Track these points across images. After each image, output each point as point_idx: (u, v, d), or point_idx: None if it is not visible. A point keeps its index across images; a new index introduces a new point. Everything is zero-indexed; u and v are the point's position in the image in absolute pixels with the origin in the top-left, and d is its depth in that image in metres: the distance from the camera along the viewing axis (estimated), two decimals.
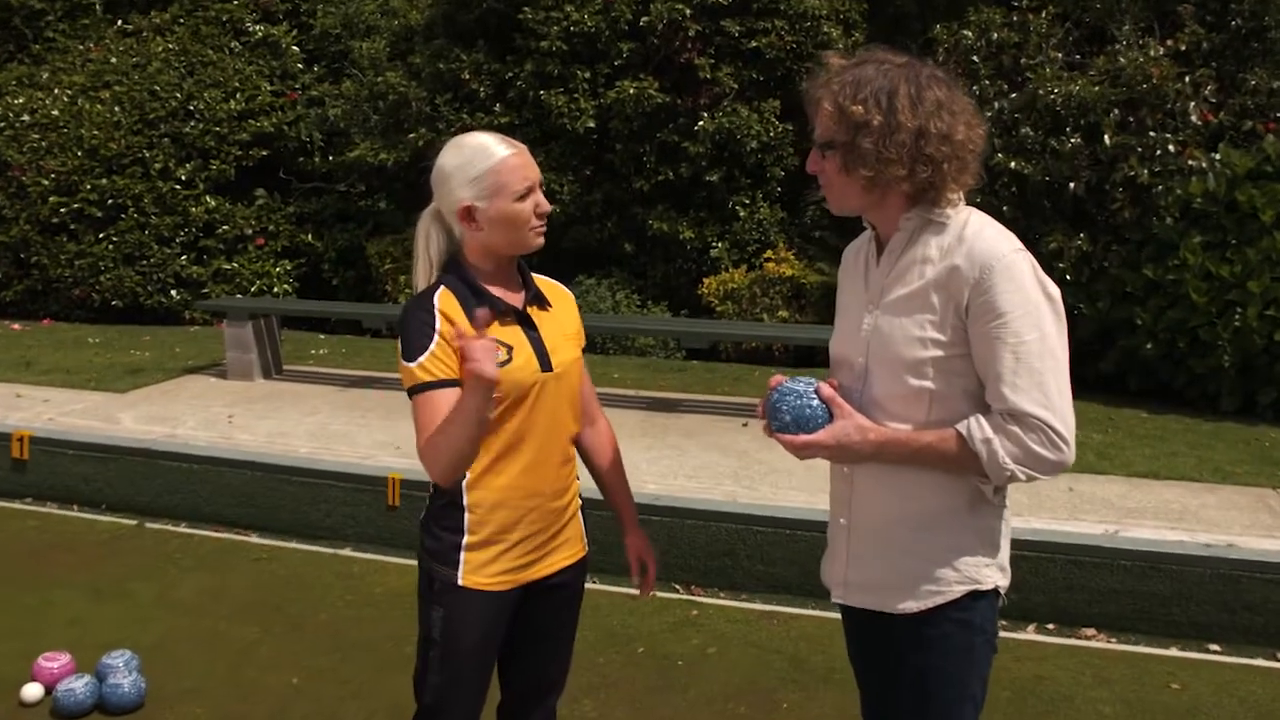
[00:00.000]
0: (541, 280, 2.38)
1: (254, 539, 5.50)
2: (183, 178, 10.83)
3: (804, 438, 1.94)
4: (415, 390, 2.11)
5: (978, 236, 1.89)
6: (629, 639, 4.27)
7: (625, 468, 2.56)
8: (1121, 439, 6.23)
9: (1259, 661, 4.14)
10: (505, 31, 9.82)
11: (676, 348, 9.29)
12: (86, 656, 3.90)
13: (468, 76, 9.79)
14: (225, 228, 10.95)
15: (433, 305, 2.15)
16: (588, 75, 9.52)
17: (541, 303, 2.31)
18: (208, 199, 10.90)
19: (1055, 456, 1.84)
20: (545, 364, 2.22)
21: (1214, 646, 4.26)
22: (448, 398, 2.08)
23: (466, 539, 2.22)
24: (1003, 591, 2.05)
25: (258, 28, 11.49)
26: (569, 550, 2.37)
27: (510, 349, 2.16)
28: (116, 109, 10.81)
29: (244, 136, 11.05)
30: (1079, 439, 6.19)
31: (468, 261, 2.23)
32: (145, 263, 10.72)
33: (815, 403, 1.95)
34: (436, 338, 2.11)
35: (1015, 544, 4.36)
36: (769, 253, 9.33)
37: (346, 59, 11.44)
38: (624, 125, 9.48)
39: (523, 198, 2.16)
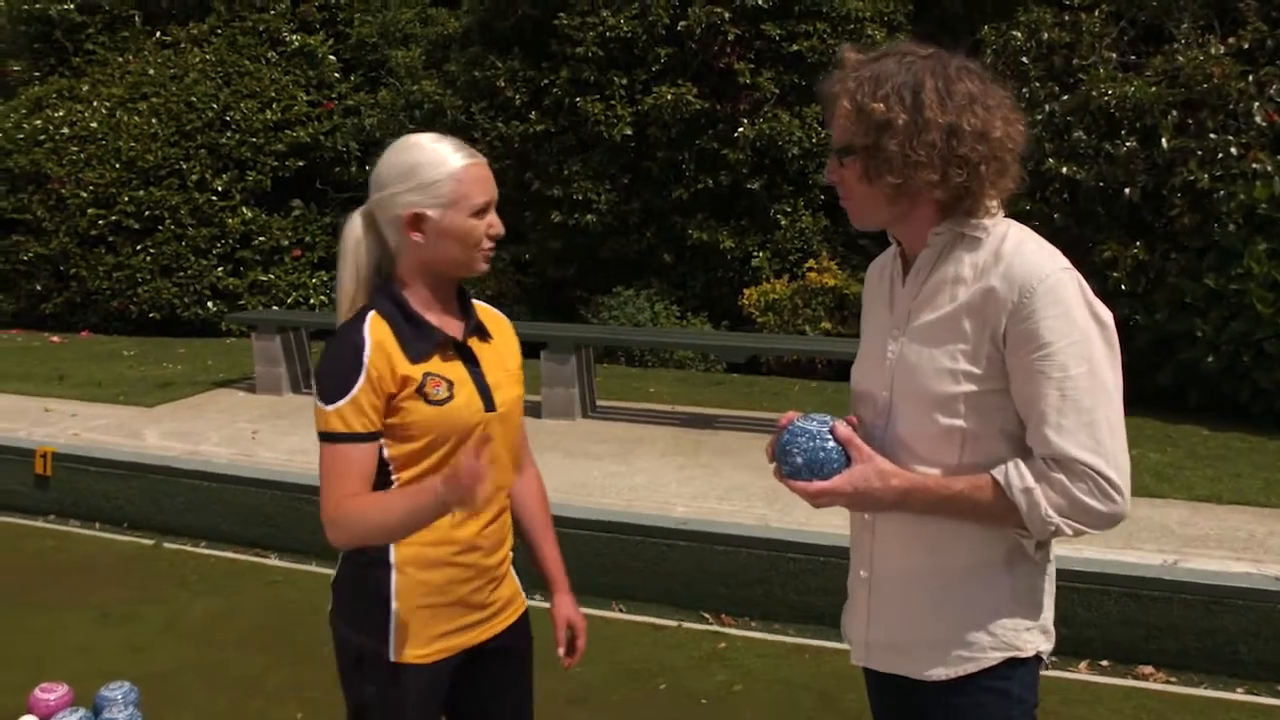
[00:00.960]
0: (483, 309, 2.10)
1: (272, 560, 5.34)
2: (219, 189, 10.81)
3: (818, 484, 1.68)
4: (327, 439, 1.82)
5: (1017, 253, 1.64)
6: (650, 674, 4.03)
7: (656, 487, 2.29)
8: (1181, 459, 5.88)
9: None
10: (541, 38, 9.67)
11: (716, 360, 9.05)
12: (88, 687, 3.74)
13: (503, 84, 9.64)
14: (261, 239, 10.91)
15: (363, 337, 1.84)
16: (624, 81, 9.32)
17: (483, 334, 2.02)
18: (244, 210, 10.87)
19: (1107, 508, 1.59)
20: (488, 403, 1.95)
21: None
22: (365, 455, 1.83)
23: (395, 605, 1.92)
24: (1045, 657, 1.79)
25: (294, 37, 11.45)
26: (510, 609, 2.10)
27: (451, 385, 1.89)
28: (154, 120, 10.81)
29: (280, 147, 11.01)
30: (1134, 459, 5.83)
31: (402, 282, 1.93)
32: (182, 274, 10.70)
33: (830, 444, 1.70)
34: (363, 379, 1.82)
35: (1066, 575, 4.12)
36: (811, 262, 9.06)
37: (383, 68, 11.36)
38: (662, 132, 9.27)
39: (480, 213, 1.88)
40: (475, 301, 2.07)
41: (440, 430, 1.87)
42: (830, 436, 1.71)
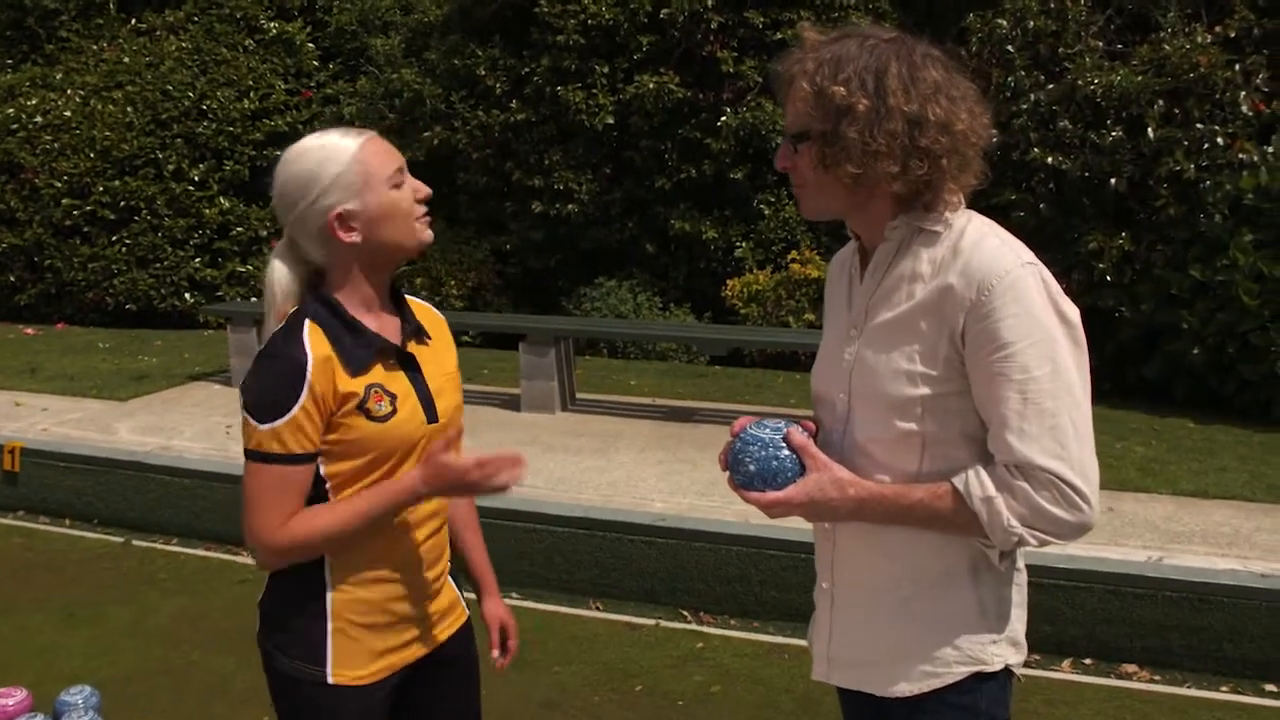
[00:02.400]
0: (416, 305, 1.96)
1: (243, 558, 5.23)
2: (196, 179, 10.65)
3: (772, 495, 1.61)
4: (261, 458, 1.70)
5: (976, 248, 1.56)
6: (627, 675, 3.95)
7: (635, 482, 2.21)
8: (1166, 452, 5.83)
9: None
10: (522, 26, 9.53)
11: (698, 352, 8.96)
12: (49, 690, 3.64)
13: (483, 72, 9.51)
14: (240, 229, 10.76)
15: (304, 351, 1.70)
16: (606, 70, 9.20)
17: (420, 336, 1.89)
18: (222, 200, 10.71)
19: (1073, 517, 1.51)
20: (431, 415, 1.83)
21: (1270, 687, 3.88)
22: (304, 476, 1.72)
23: (333, 624, 1.80)
24: (1016, 670, 1.71)
25: (272, 25, 11.27)
26: (450, 619, 2.00)
27: (394, 399, 1.77)
28: (129, 109, 10.64)
29: (258, 136, 10.85)
30: (1119, 453, 5.84)
31: (338, 286, 1.79)
32: (159, 265, 10.56)
33: (785, 452, 1.63)
34: (304, 397, 1.69)
35: (1049, 571, 4.07)
36: (794, 253, 8.97)
37: (363, 56, 11.21)
38: (644, 121, 9.16)
39: (396, 184, 1.76)
40: (408, 297, 1.95)
41: (383, 447, 1.77)
42: (784, 444, 1.64)
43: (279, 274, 1.80)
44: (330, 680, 1.80)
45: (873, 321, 1.65)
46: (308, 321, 1.75)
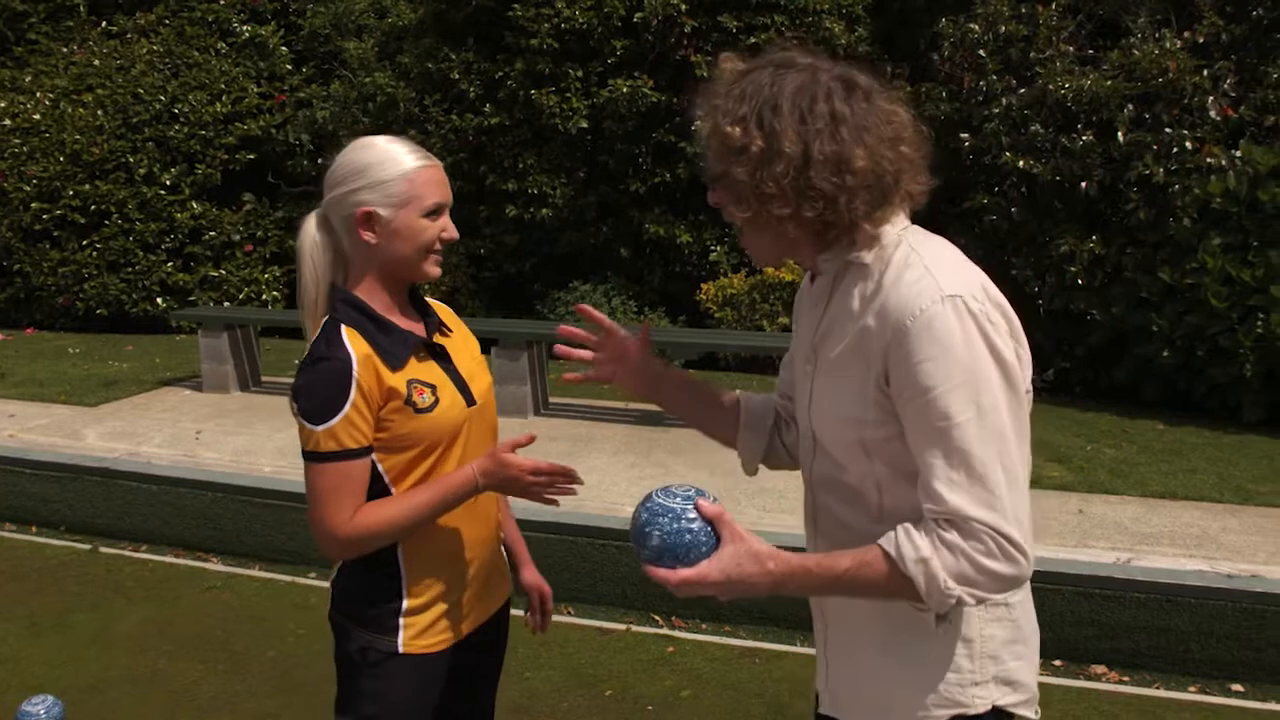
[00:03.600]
0: (432, 303, 2.08)
1: (213, 565, 5.19)
2: (168, 183, 10.57)
3: (682, 573, 1.45)
4: (320, 458, 1.79)
5: (895, 284, 1.45)
6: (597, 680, 3.93)
7: (607, 486, 2.27)
8: (1136, 454, 5.86)
9: None
10: (495, 30, 9.51)
11: (673, 356, 8.95)
12: (10, 701, 3.60)
13: (457, 76, 9.49)
14: (212, 234, 10.68)
15: (348, 352, 1.80)
16: (580, 74, 9.19)
17: (443, 329, 2.02)
18: (194, 204, 10.64)
19: (1009, 570, 1.39)
20: (469, 398, 1.95)
21: (1236, 687, 3.90)
22: (362, 470, 1.82)
23: (407, 603, 1.93)
24: (1018, 709, 1.62)
25: (245, 28, 11.21)
26: (499, 593, 2.14)
27: (434, 389, 1.88)
28: (99, 113, 10.55)
29: (230, 140, 10.79)
30: (1090, 454, 5.87)
31: (359, 284, 1.89)
32: (130, 270, 10.47)
33: (696, 525, 1.47)
34: (354, 395, 1.78)
35: None
36: None
37: (336, 59, 11.15)
38: (618, 125, 9.15)
39: (432, 215, 1.85)
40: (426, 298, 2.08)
41: (432, 437, 1.87)
42: (695, 513, 1.47)
43: (310, 238, 1.89)
44: (401, 650, 1.93)
45: (823, 356, 1.58)
46: (344, 326, 1.84)
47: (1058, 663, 4.07)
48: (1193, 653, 3.98)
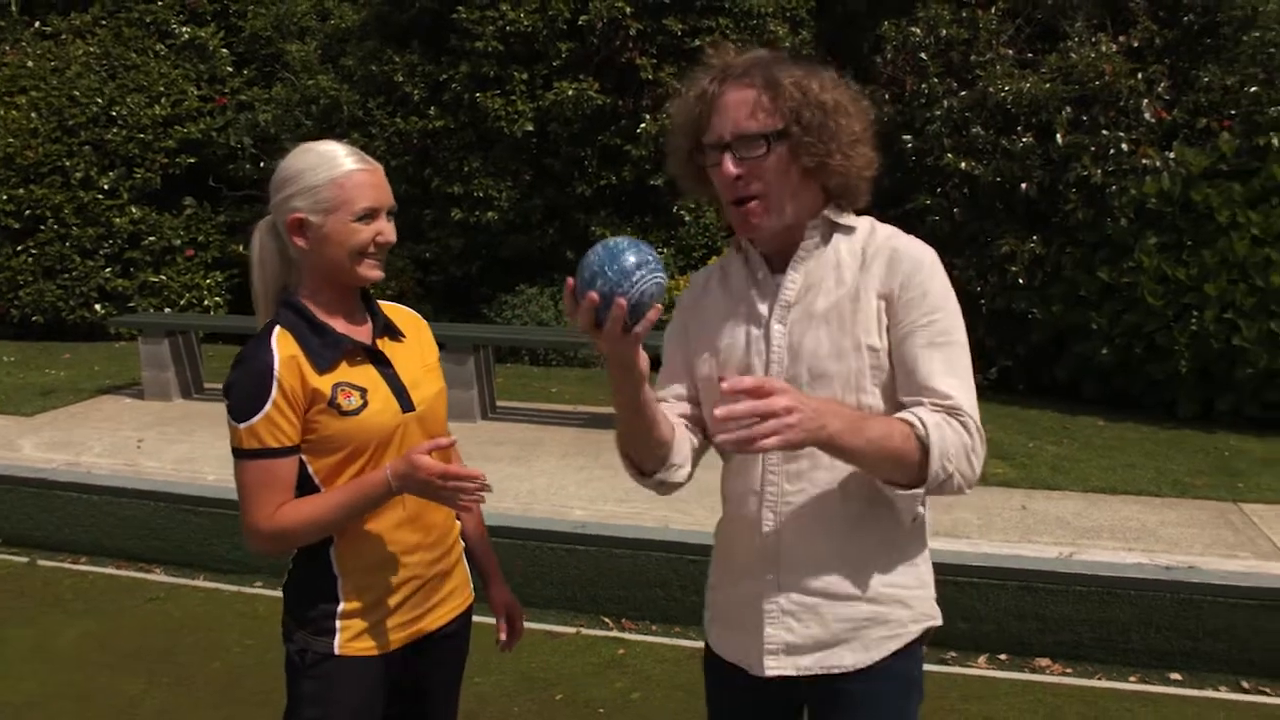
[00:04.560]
0: (391, 308, 2.10)
1: (156, 576, 5.10)
2: (105, 187, 10.36)
3: (754, 381, 1.41)
4: (243, 455, 1.84)
5: (894, 236, 1.75)
6: (548, 683, 3.92)
7: (556, 490, 2.27)
8: (1077, 450, 5.96)
9: (1222, 692, 3.87)
10: (440, 32, 9.45)
11: None
12: None
13: (401, 79, 9.41)
14: (152, 239, 10.49)
15: (271, 353, 1.84)
16: (525, 77, 9.16)
17: (393, 333, 2.03)
18: (132, 209, 10.43)
19: (980, 462, 1.64)
20: (406, 403, 1.95)
21: (1175, 676, 3.99)
22: (285, 469, 1.85)
23: (342, 605, 1.95)
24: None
25: (184, 29, 11.02)
26: (456, 599, 2.12)
27: (364, 392, 1.89)
28: (34, 115, 10.31)
29: (170, 143, 10.60)
30: (1032, 451, 5.96)
31: (305, 289, 1.93)
32: (67, 276, 10.26)
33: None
34: (274, 394, 1.82)
35: (965, 570, 4.14)
36: (715, 259, 9.01)
37: (278, 62, 11.01)
38: (564, 128, 9.13)
39: (363, 220, 1.85)
40: (385, 303, 2.09)
41: (358, 440, 1.88)
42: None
43: (259, 244, 1.94)
44: (337, 651, 1.94)
45: (807, 307, 1.72)
46: (277, 328, 1.88)
47: (1003, 657, 4.14)
48: (1133, 643, 4.06)
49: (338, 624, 1.94)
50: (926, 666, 1.85)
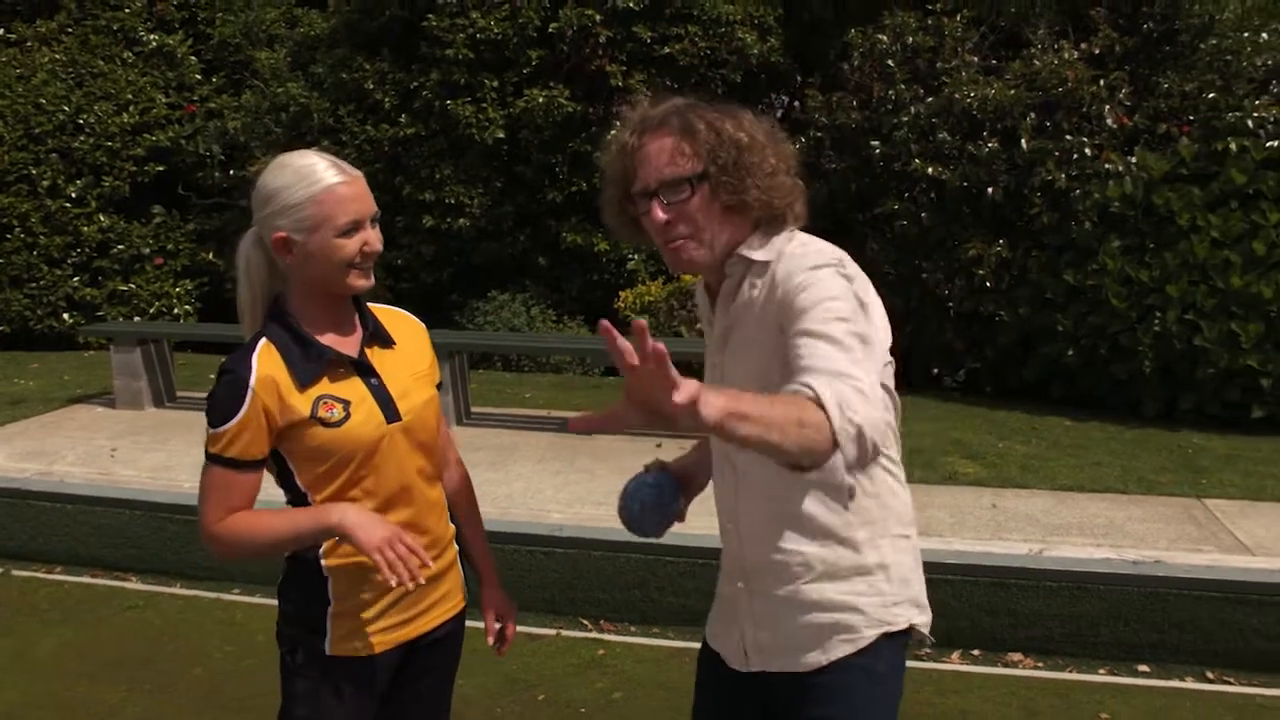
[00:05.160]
0: (385, 312, 2.10)
1: (133, 584, 5.09)
2: (73, 195, 10.31)
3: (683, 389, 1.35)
4: (208, 458, 1.88)
5: (781, 260, 1.74)
6: (529, 685, 3.96)
7: (532, 494, 2.30)
8: (1045, 450, 6.07)
9: (1189, 683, 3.96)
10: (410, 40, 9.48)
11: (592, 364, 9.01)
12: None
13: (371, 86, 9.43)
14: (121, 247, 10.45)
15: (249, 368, 1.85)
16: (496, 84, 9.21)
17: (383, 341, 2.02)
18: (101, 217, 10.39)
19: (879, 411, 1.49)
20: (391, 414, 1.95)
21: (1143, 668, 4.08)
22: (243, 483, 1.87)
23: (334, 605, 1.97)
24: (923, 629, 1.87)
25: (152, 37, 10.97)
26: (448, 603, 2.14)
27: (347, 405, 1.90)
28: None
29: (139, 151, 10.56)
30: (1001, 451, 6.06)
31: (294, 300, 1.93)
32: (34, 285, 10.19)
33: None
34: (245, 410, 1.83)
35: (938, 567, 4.20)
36: None
37: (247, 69, 10.99)
38: (534, 135, 9.19)
39: (348, 233, 1.84)
40: (379, 306, 2.09)
41: (341, 451, 1.89)
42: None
43: (245, 255, 1.93)
44: (329, 652, 1.97)
45: (729, 344, 1.82)
46: (263, 341, 1.89)
47: (976, 652, 4.22)
48: (1102, 636, 4.16)
49: (328, 624, 1.96)
50: None
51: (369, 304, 2.09)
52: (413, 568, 1.79)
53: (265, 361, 1.86)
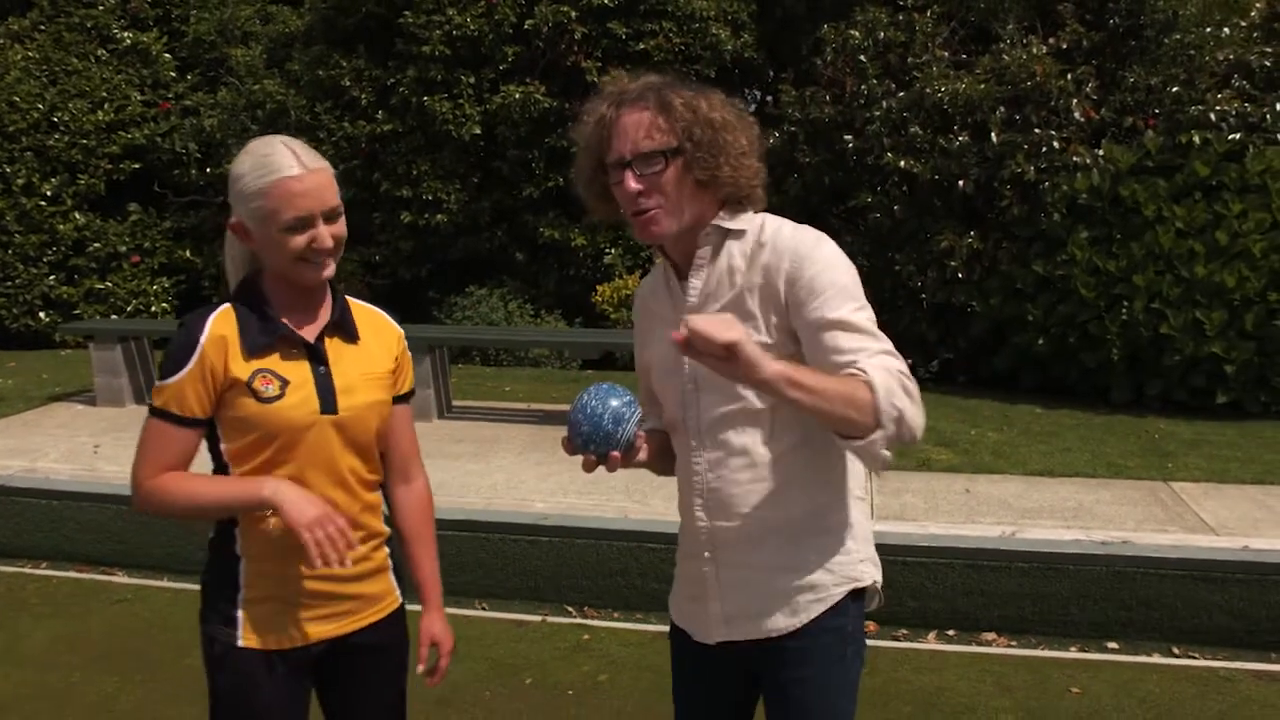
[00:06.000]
0: (364, 310, 2.07)
1: (120, 578, 5.14)
2: (48, 193, 10.28)
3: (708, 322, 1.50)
4: (151, 411, 1.89)
5: (777, 234, 1.81)
6: (517, 669, 4.05)
7: (515, 484, 2.30)
8: (1016, 437, 6.21)
9: (1155, 659, 4.10)
10: (386, 36, 9.53)
11: (570, 358, 9.09)
12: None
13: (348, 83, 9.47)
14: (97, 245, 10.44)
15: (203, 326, 1.87)
16: (472, 80, 9.27)
17: (346, 333, 1.99)
18: (76, 215, 10.38)
19: (920, 411, 1.66)
20: (328, 405, 1.91)
21: (1112, 645, 4.22)
22: (181, 439, 1.88)
23: (244, 593, 1.93)
24: (879, 585, 1.95)
25: (126, 34, 10.95)
26: (377, 605, 2.07)
27: (285, 384, 1.88)
28: None
29: (114, 149, 10.55)
30: (974, 438, 6.20)
31: (266, 278, 1.94)
32: (9, 284, 10.18)
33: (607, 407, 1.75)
34: (191, 366, 1.84)
35: (913, 550, 4.34)
36: (662, 259, 9.17)
37: (222, 67, 10.99)
38: (511, 131, 9.26)
39: (293, 229, 1.81)
40: (359, 303, 2.07)
41: (266, 427, 1.87)
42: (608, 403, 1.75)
43: (230, 241, 1.95)
44: (240, 643, 1.93)
45: (705, 312, 1.82)
46: (225, 305, 1.92)
47: (951, 631, 4.34)
48: (1072, 615, 4.29)
49: (239, 613, 1.93)
50: (879, 642, 2.02)
51: (356, 300, 2.08)
52: (340, 550, 1.77)
53: (220, 323, 1.88)
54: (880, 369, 1.63)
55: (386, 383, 2.03)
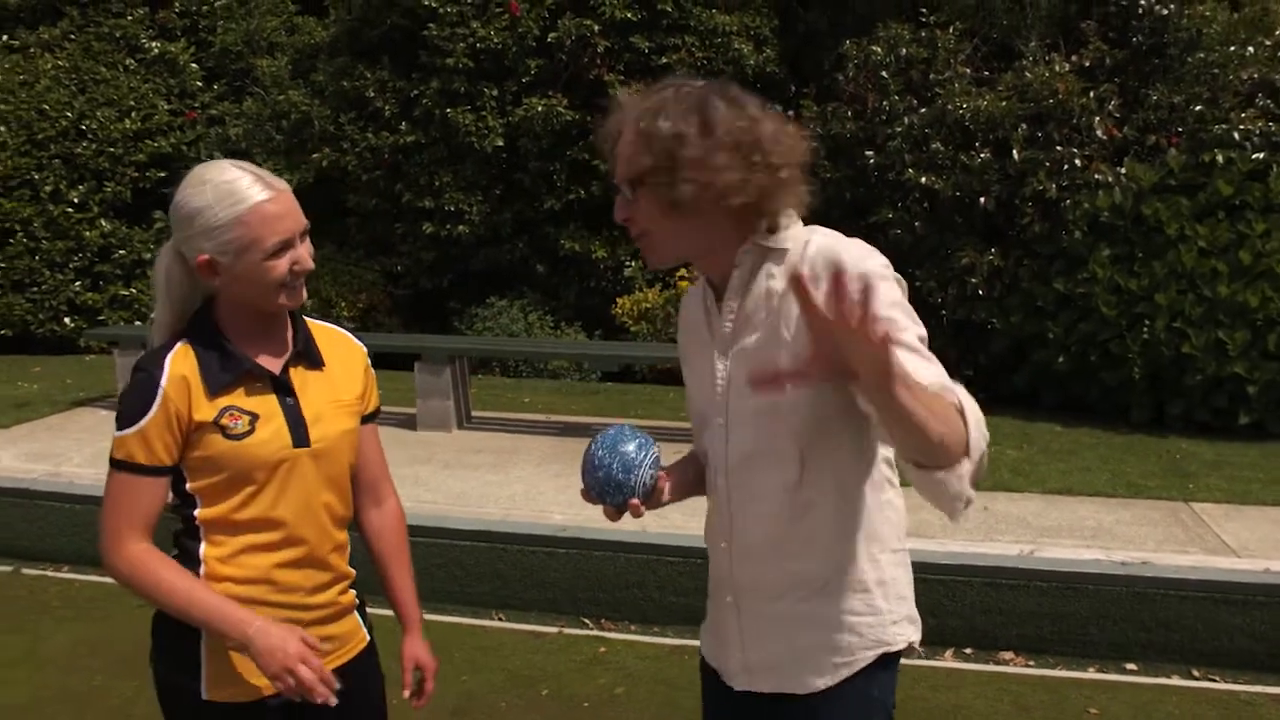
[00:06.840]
0: (325, 331, 1.99)
1: None
2: (75, 200, 10.39)
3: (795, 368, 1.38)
4: (112, 464, 1.78)
5: (819, 252, 1.63)
6: (532, 680, 4.06)
7: (534, 496, 2.22)
8: (1035, 455, 6.19)
9: (1174, 680, 4.08)
10: (411, 48, 9.59)
11: (590, 370, 9.12)
12: None
13: (372, 94, 9.54)
14: (122, 252, 10.54)
15: (162, 369, 1.75)
16: (495, 93, 9.32)
17: (311, 360, 1.91)
18: (103, 222, 10.48)
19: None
20: (300, 438, 1.84)
21: (1130, 666, 4.19)
22: (150, 489, 1.77)
23: (207, 642, 1.81)
24: (916, 646, 1.81)
25: (154, 44, 11.07)
26: (345, 645, 1.99)
27: (254, 419, 1.80)
28: (2, 129, 10.31)
29: (140, 157, 10.65)
30: (993, 456, 6.07)
31: (220, 309, 1.83)
32: (36, 289, 10.26)
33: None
34: (154, 412, 1.74)
35: (931, 568, 4.33)
36: (683, 270, 9.20)
37: (248, 77, 11.10)
38: (533, 143, 9.30)
39: (277, 254, 1.74)
40: (319, 324, 1.99)
41: (238, 466, 1.79)
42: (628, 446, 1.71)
43: (163, 270, 1.83)
44: (204, 696, 1.83)
45: (739, 345, 1.70)
46: (181, 343, 1.80)
47: (968, 650, 4.33)
48: (1091, 635, 4.27)
49: (203, 662, 1.82)
50: None
51: (315, 320, 2.01)
52: (323, 692, 1.70)
53: (179, 363, 1.77)
54: (968, 395, 1.46)
55: (355, 409, 1.97)
